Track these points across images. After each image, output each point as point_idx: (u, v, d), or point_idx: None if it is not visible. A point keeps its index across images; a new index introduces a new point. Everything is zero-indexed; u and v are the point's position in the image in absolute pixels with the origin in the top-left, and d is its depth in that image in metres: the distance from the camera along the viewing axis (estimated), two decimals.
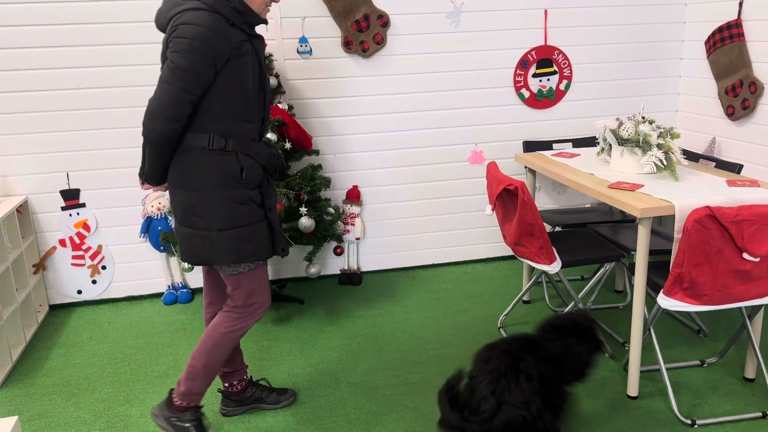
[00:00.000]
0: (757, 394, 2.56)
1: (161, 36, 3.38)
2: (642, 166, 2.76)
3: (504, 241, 2.96)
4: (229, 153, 2.09)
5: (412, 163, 3.88)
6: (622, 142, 2.83)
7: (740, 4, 3.54)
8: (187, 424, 2.29)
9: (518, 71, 3.86)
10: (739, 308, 2.50)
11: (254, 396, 2.56)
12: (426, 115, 3.82)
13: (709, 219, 2.13)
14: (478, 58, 3.79)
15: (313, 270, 3.59)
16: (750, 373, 2.66)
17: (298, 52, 3.57)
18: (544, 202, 4.02)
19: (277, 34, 3.51)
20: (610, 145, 2.92)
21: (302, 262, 3.81)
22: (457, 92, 3.82)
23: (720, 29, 3.69)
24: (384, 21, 3.61)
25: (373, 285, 3.82)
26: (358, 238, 3.83)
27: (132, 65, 3.40)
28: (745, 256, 2.18)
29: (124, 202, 3.58)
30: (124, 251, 3.64)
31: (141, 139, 3.48)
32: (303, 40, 3.56)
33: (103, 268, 3.63)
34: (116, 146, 3.49)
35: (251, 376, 2.60)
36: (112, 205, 3.57)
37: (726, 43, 3.66)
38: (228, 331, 2.26)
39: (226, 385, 2.52)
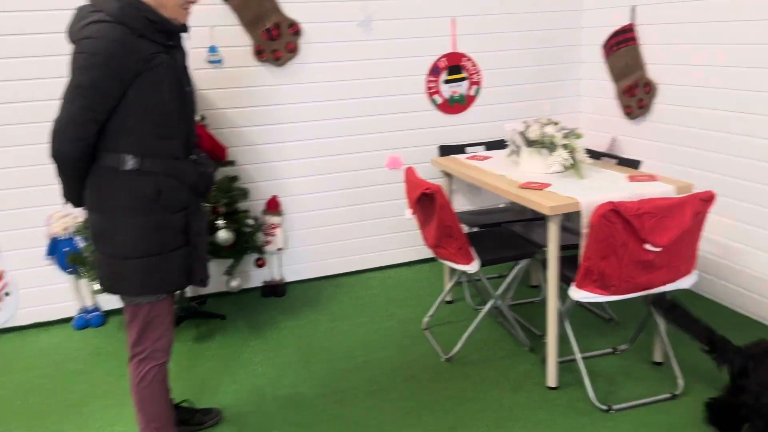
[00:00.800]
0: (665, 376, 2.72)
1: (56, 48, 3.22)
2: (549, 166, 2.89)
3: (425, 243, 3.01)
4: (145, 174, 1.97)
5: (331, 171, 3.88)
6: (530, 143, 2.95)
7: (632, 10, 3.77)
8: None
9: (430, 78, 3.95)
10: (644, 296, 2.66)
11: (179, 419, 2.47)
12: (343, 123, 3.83)
13: (613, 213, 2.25)
14: (391, 66, 3.85)
15: (234, 284, 3.52)
16: (658, 357, 2.83)
17: (208, 61, 3.50)
18: (460, 204, 4.12)
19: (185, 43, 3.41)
20: (519, 147, 3.04)
21: (222, 277, 3.73)
22: (373, 99, 3.86)
23: (615, 33, 3.91)
24: (296, 29, 3.59)
25: (298, 295, 3.78)
26: (280, 249, 3.79)
27: (23, 80, 3.21)
28: (648, 246, 2.32)
29: (27, 224, 3.37)
30: (29, 275, 3.43)
31: (41, 157, 3.31)
32: (213, 49, 3.49)
33: (6, 294, 3.40)
34: (13, 165, 3.29)
35: (173, 398, 2.51)
36: (13, 227, 3.35)
37: (621, 46, 3.89)
38: (138, 383, 2.14)
39: None
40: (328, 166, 3.87)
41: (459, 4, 3.90)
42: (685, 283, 2.49)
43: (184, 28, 2.06)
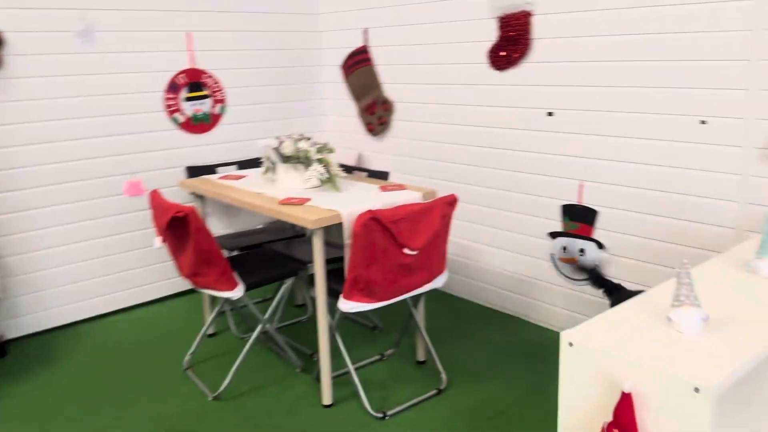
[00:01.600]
0: (429, 374, 2.86)
1: None
2: (306, 181, 2.86)
3: (180, 274, 2.73)
4: None
5: (60, 202, 3.34)
6: (285, 159, 2.88)
7: (365, 32, 3.98)
8: None
9: (168, 95, 3.66)
10: (405, 300, 2.76)
11: None
12: (70, 146, 3.33)
13: (373, 222, 2.29)
14: (122, 81, 3.47)
15: None
16: (421, 356, 2.97)
17: None
18: (216, 227, 3.89)
19: None
20: (274, 163, 2.96)
21: None
22: (104, 119, 3.43)
23: (351, 55, 4.09)
24: None
25: (24, 354, 3.16)
26: None
27: None
28: (406, 251, 2.40)
29: None
30: None
31: None
32: None
33: None
34: None
35: None
36: None
37: (358, 67, 4.08)
38: None
39: None
40: (56, 195, 3.32)
41: (196, 18, 3.69)
42: (439, 281, 2.65)
43: None
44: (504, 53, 3.19)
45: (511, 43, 3.15)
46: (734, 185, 2.51)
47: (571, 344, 1.46)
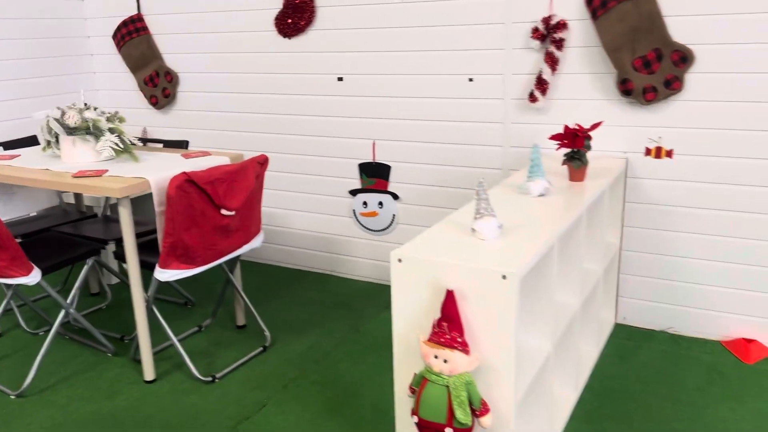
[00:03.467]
0: (252, 335, 2.91)
1: None
2: (99, 153, 2.68)
3: None
4: None
5: None
6: (70, 131, 2.66)
7: (138, 0, 3.77)
8: None
9: None
10: (217, 270, 2.77)
11: None
12: None
13: (188, 184, 2.26)
14: None
15: None
16: (241, 320, 3.00)
17: None
18: None
19: None
20: (57, 136, 2.71)
21: None
22: None
23: (125, 23, 3.84)
24: None
25: None
26: None
27: None
28: (223, 212, 2.42)
29: None
30: None
31: None
32: None
33: None
34: None
35: None
36: None
37: (134, 36, 3.85)
38: None
39: None
40: None
41: None
42: (257, 242, 2.71)
43: None
44: (291, 20, 3.31)
45: (297, 11, 3.28)
46: (498, 132, 2.97)
47: (400, 260, 1.67)
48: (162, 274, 2.39)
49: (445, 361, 1.59)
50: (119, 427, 2.26)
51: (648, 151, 2.68)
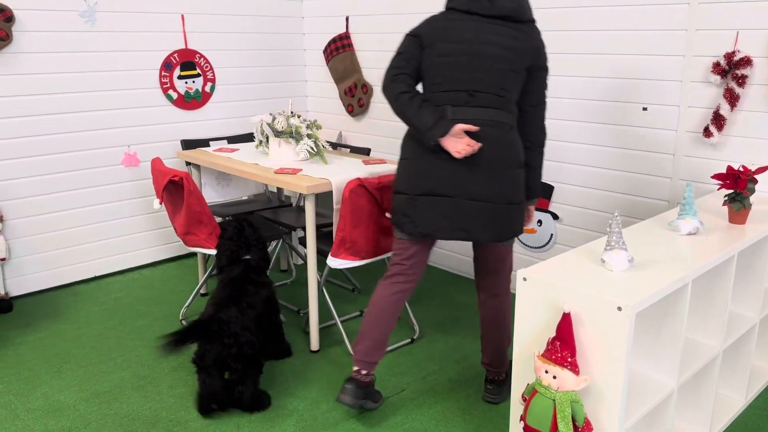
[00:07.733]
0: (403, 327, 3.23)
1: None
2: (298, 154, 3.18)
3: (175, 233, 3.03)
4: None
5: (60, 170, 3.58)
6: (277, 134, 3.20)
7: (347, 20, 4.29)
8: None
9: (163, 73, 3.92)
10: (384, 260, 3.12)
11: None
12: (71, 118, 3.58)
13: (360, 188, 2.63)
14: (121, 59, 3.72)
15: None
16: None
17: None
18: (209, 196, 4.15)
19: None
20: (267, 137, 3.27)
21: None
22: (104, 93, 3.68)
23: (333, 40, 4.40)
24: (7, 16, 3.24)
25: (29, 309, 3.41)
26: (2, 259, 3.36)
27: None
28: (387, 215, 2.76)
29: None
30: None
31: None
32: None
33: None
34: None
35: None
36: None
37: (340, 52, 4.39)
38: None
39: None
40: (55, 164, 3.57)
41: (188, 1, 3.95)
42: None
43: None
44: None
45: None
46: (668, 164, 2.93)
47: (525, 279, 1.84)
48: (333, 262, 2.79)
49: (555, 377, 1.73)
50: (285, 384, 2.70)
51: None
